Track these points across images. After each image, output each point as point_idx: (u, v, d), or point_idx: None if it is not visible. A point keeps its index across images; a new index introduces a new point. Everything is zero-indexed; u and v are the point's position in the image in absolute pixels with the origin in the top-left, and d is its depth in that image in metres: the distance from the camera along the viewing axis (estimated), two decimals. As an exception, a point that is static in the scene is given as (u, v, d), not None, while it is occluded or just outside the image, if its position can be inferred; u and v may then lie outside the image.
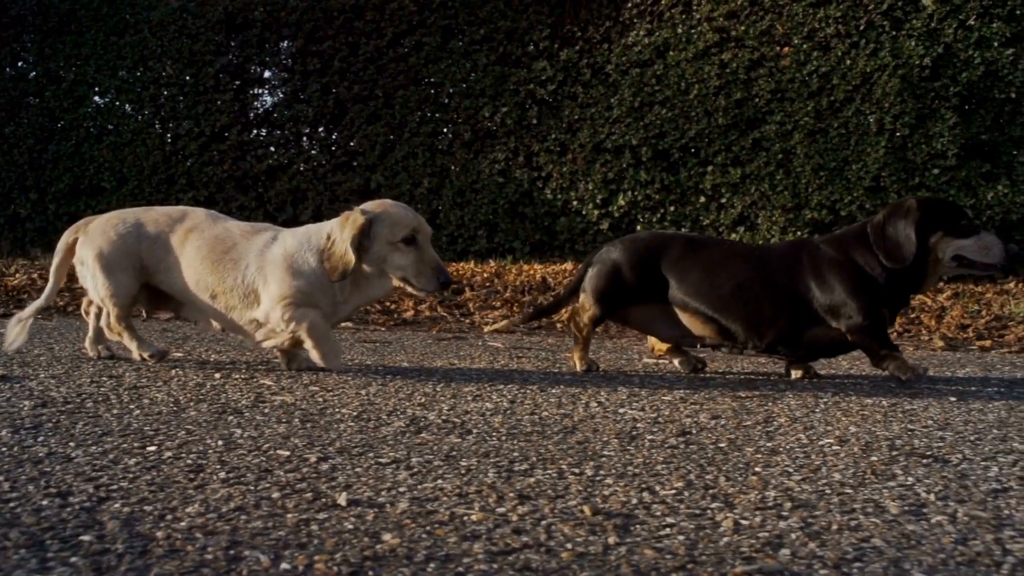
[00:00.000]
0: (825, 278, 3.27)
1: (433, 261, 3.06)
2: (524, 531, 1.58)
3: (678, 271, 3.40)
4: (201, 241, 3.21)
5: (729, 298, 3.32)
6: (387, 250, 3.05)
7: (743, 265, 3.37)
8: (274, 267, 3.11)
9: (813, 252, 3.34)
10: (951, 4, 7.02)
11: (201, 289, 3.19)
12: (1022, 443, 2.35)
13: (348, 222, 3.05)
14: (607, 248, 3.53)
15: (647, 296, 3.43)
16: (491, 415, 2.61)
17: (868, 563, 1.45)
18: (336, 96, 8.16)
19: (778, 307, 3.30)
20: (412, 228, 3.04)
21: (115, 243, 3.27)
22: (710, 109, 7.38)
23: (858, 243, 3.30)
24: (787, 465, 2.07)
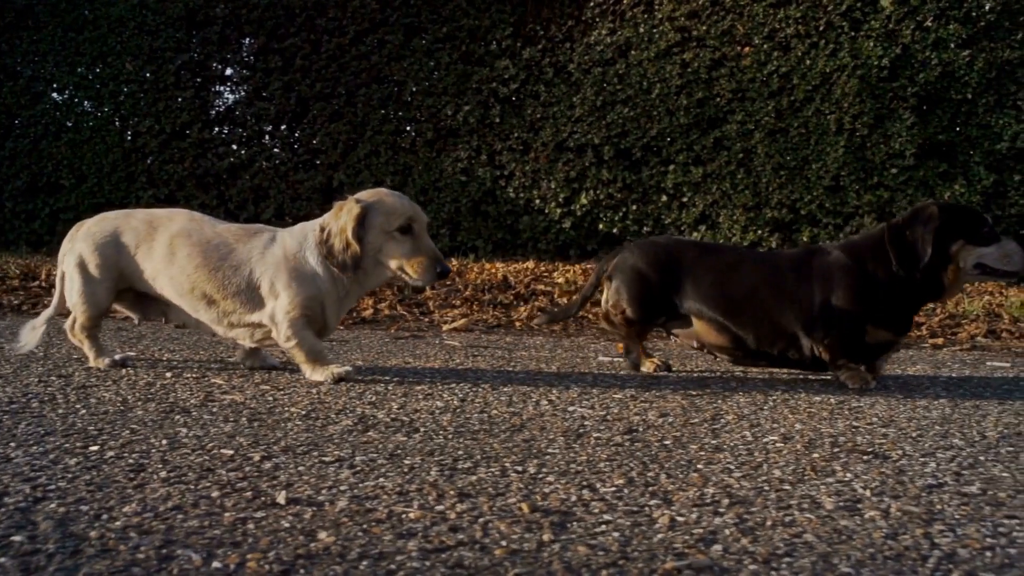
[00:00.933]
0: (830, 284, 3.21)
1: (430, 251, 2.99)
2: (461, 529, 1.59)
3: (692, 278, 3.35)
4: (191, 247, 3.12)
5: (741, 306, 3.28)
6: (383, 240, 2.98)
7: (755, 272, 3.32)
8: (279, 272, 3.04)
9: (822, 258, 3.29)
10: (909, 6, 7.09)
11: (196, 295, 3.11)
12: (962, 439, 2.38)
13: (343, 211, 2.99)
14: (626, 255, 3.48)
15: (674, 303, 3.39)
16: (440, 413, 2.61)
17: (798, 558, 1.46)
18: (298, 94, 8.12)
19: (787, 315, 3.24)
20: (408, 217, 2.97)
21: (94, 251, 3.20)
22: (672, 108, 7.42)
23: (871, 250, 3.23)
24: (729, 462, 2.09)
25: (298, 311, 3.03)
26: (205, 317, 3.17)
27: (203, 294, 3.10)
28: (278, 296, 3.05)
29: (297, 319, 3.03)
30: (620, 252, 3.52)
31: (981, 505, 1.77)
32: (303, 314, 3.04)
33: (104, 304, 3.25)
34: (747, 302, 3.28)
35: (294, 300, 3.02)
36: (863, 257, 3.23)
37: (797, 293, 3.24)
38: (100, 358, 3.29)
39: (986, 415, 2.74)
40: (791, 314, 3.24)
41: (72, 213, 8.44)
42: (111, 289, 3.22)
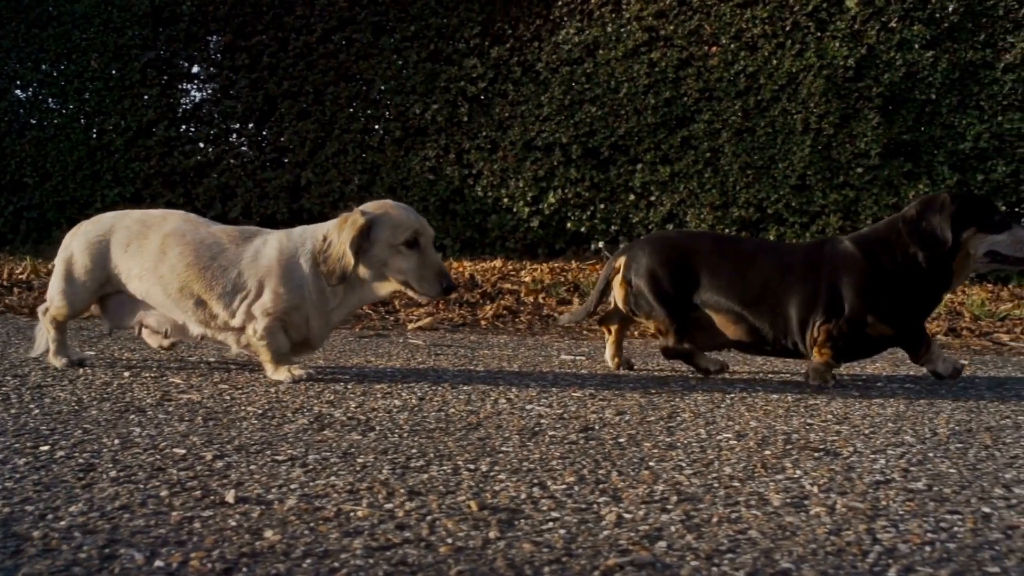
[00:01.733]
0: (841, 276, 3.21)
1: (436, 265, 2.95)
2: (408, 527, 1.59)
3: (708, 272, 3.32)
4: (184, 246, 3.08)
5: (757, 296, 3.26)
6: (388, 253, 2.93)
7: (770, 262, 3.30)
8: (269, 274, 3.01)
9: (833, 249, 3.29)
10: (874, 7, 7.15)
11: (184, 295, 3.07)
12: (914, 436, 2.41)
13: (347, 224, 2.94)
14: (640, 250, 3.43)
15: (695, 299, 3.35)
16: (397, 412, 2.61)
17: (740, 554, 1.48)
18: (265, 92, 8.09)
19: (801, 307, 3.23)
20: (414, 231, 2.92)
21: (84, 250, 3.17)
22: (639, 107, 7.44)
23: (882, 241, 3.24)
24: (681, 460, 2.10)
25: (278, 314, 3.00)
26: (192, 319, 3.12)
27: (191, 294, 3.06)
28: (262, 295, 3.02)
29: (274, 321, 3.01)
30: (631, 250, 3.47)
31: (926, 501, 1.79)
32: (281, 318, 3.01)
33: (81, 307, 3.22)
34: (763, 294, 3.26)
35: (276, 302, 3.00)
36: (875, 249, 3.23)
37: (809, 285, 3.23)
38: (58, 356, 3.26)
39: (939, 412, 2.77)
40: (805, 306, 3.22)
41: (36, 211, 8.37)
42: (94, 292, 3.19)
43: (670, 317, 3.33)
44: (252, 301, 3.02)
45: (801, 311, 3.22)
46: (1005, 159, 7.06)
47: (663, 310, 3.33)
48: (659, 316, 3.34)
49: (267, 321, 3.01)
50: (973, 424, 2.59)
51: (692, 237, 3.51)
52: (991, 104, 7.09)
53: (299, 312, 3.02)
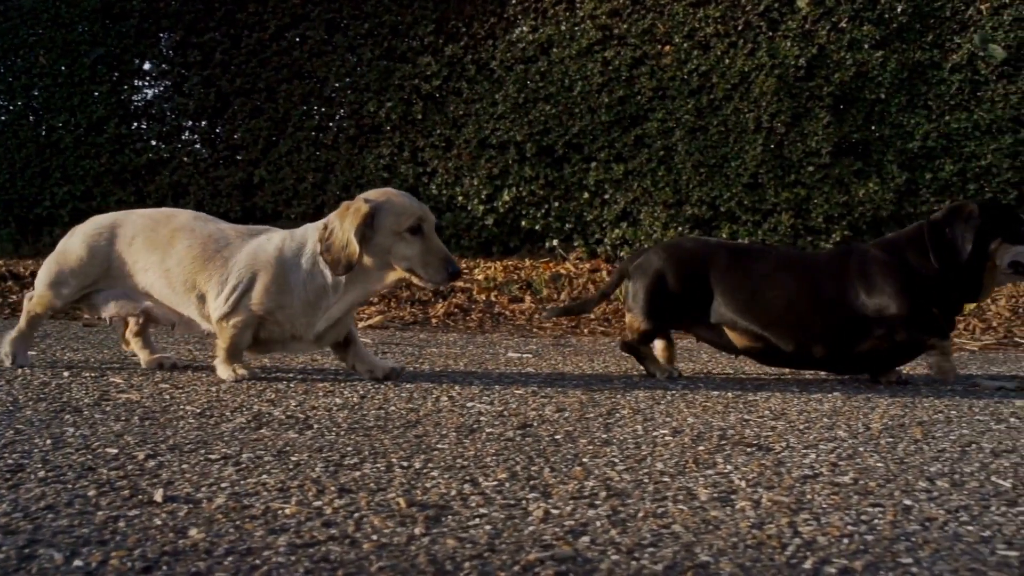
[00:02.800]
0: (875, 281, 3.17)
1: (441, 251, 2.93)
2: (334, 524, 1.59)
3: (724, 284, 3.28)
4: (192, 239, 3.07)
5: (779, 315, 3.21)
6: (391, 240, 2.91)
7: (792, 277, 3.25)
8: (263, 270, 2.99)
9: (862, 257, 3.25)
10: (824, 7, 7.22)
11: (188, 288, 3.05)
12: (847, 431, 2.44)
13: (350, 211, 2.91)
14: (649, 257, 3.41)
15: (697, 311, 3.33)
16: (337, 410, 2.60)
17: (661, 548, 1.49)
18: (218, 89, 8.02)
19: (829, 320, 3.19)
20: (418, 217, 2.91)
21: (83, 244, 3.15)
22: (593, 106, 7.46)
23: (911, 246, 3.21)
24: (615, 456, 2.12)
25: (260, 310, 2.97)
26: (196, 314, 3.09)
27: (194, 286, 3.04)
28: (252, 288, 2.99)
29: (251, 317, 2.98)
30: (645, 252, 3.46)
31: (850, 494, 1.82)
32: (260, 315, 2.98)
33: (62, 301, 3.19)
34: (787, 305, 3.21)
35: (262, 299, 2.97)
36: (904, 255, 3.21)
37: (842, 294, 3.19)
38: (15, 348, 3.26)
39: (875, 407, 2.81)
40: (834, 316, 3.19)
41: (-16, 209, 8.26)
42: (82, 287, 3.16)
43: (648, 318, 3.32)
44: (242, 294, 2.99)
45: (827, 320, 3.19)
46: (952, 158, 7.16)
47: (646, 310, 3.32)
48: (639, 314, 3.33)
49: (245, 315, 2.99)
50: (906, 419, 2.63)
51: (709, 245, 3.46)
52: (939, 104, 7.18)
53: (284, 311, 2.99)
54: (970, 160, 7.14)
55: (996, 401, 2.99)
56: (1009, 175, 7.09)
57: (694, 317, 3.35)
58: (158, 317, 3.21)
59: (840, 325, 3.19)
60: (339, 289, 3.00)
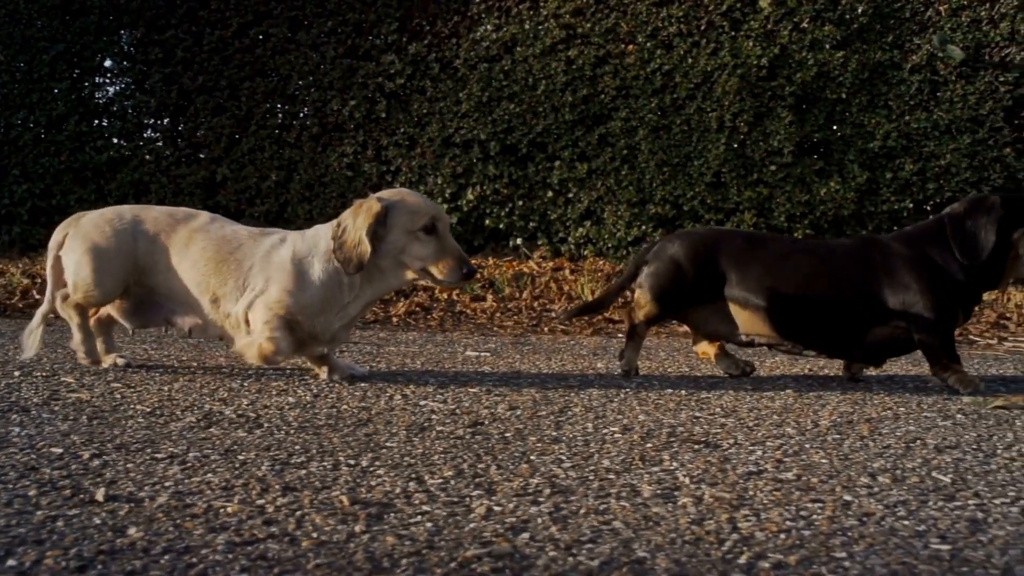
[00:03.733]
0: (898, 275, 3.15)
1: (455, 251, 2.90)
2: (275, 522, 1.59)
3: (738, 267, 3.25)
4: (207, 241, 3.03)
5: (792, 295, 3.20)
6: (406, 240, 2.88)
7: (807, 261, 3.26)
8: (279, 271, 2.95)
9: (884, 249, 3.23)
10: (786, 7, 7.26)
11: (202, 291, 3.01)
12: (795, 428, 2.46)
13: (362, 210, 2.88)
14: (664, 243, 3.38)
15: (707, 295, 3.29)
16: (289, 409, 2.60)
17: (600, 544, 1.50)
18: (180, 87, 7.95)
19: (844, 306, 3.18)
20: (432, 216, 2.88)
21: (110, 239, 3.08)
22: (557, 105, 7.47)
23: (933, 239, 3.20)
24: (562, 453, 2.12)
25: (283, 312, 2.91)
26: (211, 317, 3.05)
27: (208, 289, 3.00)
28: (266, 291, 2.94)
29: (280, 318, 2.92)
30: (660, 240, 3.43)
31: (792, 490, 1.83)
32: (286, 317, 2.92)
33: (112, 294, 3.13)
34: (798, 291, 3.21)
35: (283, 299, 2.91)
36: (925, 247, 3.19)
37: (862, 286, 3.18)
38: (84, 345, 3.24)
39: (825, 405, 2.83)
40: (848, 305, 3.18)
41: (-58, 208, 8.14)
42: (123, 281, 3.11)
43: (656, 301, 3.30)
44: (257, 296, 2.95)
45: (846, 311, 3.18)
46: (912, 157, 7.23)
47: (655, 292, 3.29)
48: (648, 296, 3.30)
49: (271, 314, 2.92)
50: (855, 416, 2.66)
51: (724, 235, 3.44)
52: (899, 104, 7.24)
53: (305, 312, 2.94)
54: (929, 160, 7.21)
55: (945, 398, 3.03)
56: (967, 175, 7.16)
57: (702, 305, 3.32)
58: (175, 323, 3.17)
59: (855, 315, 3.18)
60: (354, 288, 2.97)
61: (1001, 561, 1.44)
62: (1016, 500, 1.79)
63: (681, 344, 4.66)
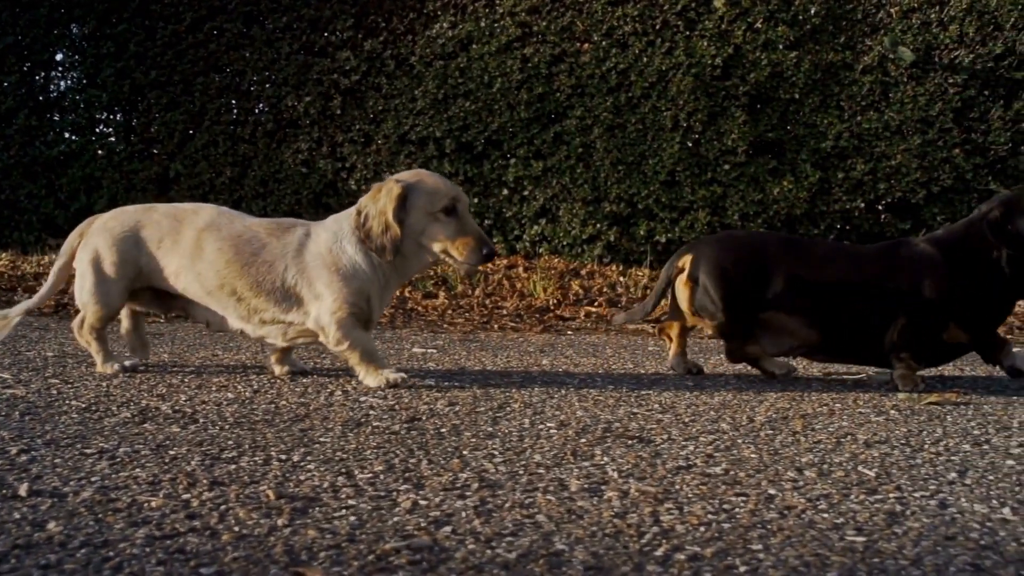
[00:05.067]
0: (929, 280, 3.13)
1: (476, 232, 2.85)
2: (198, 516, 1.58)
3: (781, 273, 3.19)
4: (221, 241, 2.95)
5: (832, 302, 3.16)
6: (426, 222, 2.84)
7: (844, 267, 3.21)
8: (319, 270, 2.88)
9: (915, 253, 3.20)
10: (740, 7, 7.31)
11: (225, 292, 2.94)
12: (730, 423, 2.48)
13: (382, 193, 2.84)
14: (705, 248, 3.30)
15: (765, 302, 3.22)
16: (227, 405, 2.58)
17: (520, 537, 1.50)
18: (133, 81, 7.88)
19: (880, 312, 3.15)
20: (452, 197, 2.84)
21: (111, 246, 3.01)
22: (512, 103, 7.48)
23: (965, 244, 3.17)
24: (495, 448, 2.13)
25: (345, 310, 2.87)
26: (233, 314, 2.99)
27: (232, 291, 2.93)
28: (320, 296, 2.88)
29: (345, 319, 2.87)
30: (696, 247, 3.35)
31: (718, 484, 1.85)
32: (351, 312, 2.87)
33: (116, 305, 3.05)
34: (838, 298, 3.17)
35: (338, 299, 2.87)
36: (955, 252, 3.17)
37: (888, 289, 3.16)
38: (107, 363, 3.12)
39: (763, 400, 2.86)
40: (883, 311, 3.15)
41: None
42: (126, 289, 3.03)
43: (736, 320, 3.22)
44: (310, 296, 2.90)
45: (879, 316, 3.15)
46: (864, 157, 7.31)
47: (729, 313, 3.21)
48: (724, 319, 3.22)
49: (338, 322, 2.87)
50: (791, 412, 2.69)
51: (762, 237, 3.38)
52: (851, 104, 7.33)
53: (360, 296, 2.89)
54: (880, 160, 7.30)
55: (881, 394, 3.07)
56: (918, 175, 7.25)
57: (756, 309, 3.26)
58: (193, 315, 3.12)
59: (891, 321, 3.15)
60: (386, 273, 2.93)
61: (912, 552, 1.47)
62: (936, 493, 1.82)
63: (629, 341, 4.69)
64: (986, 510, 1.71)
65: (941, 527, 1.60)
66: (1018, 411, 2.80)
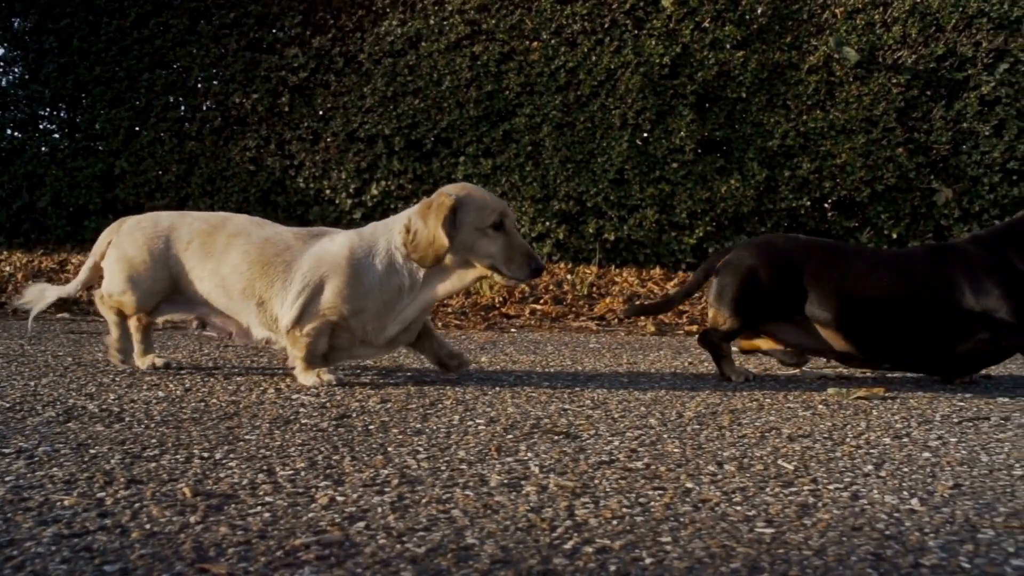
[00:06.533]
0: (980, 282, 3.09)
1: (523, 247, 2.82)
2: (111, 514, 1.57)
3: (819, 282, 3.17)
4: (249, 244, 2.92)
5: (876, 312, 3.14)
6: (475, 237, 2.80)
7: (889, 275, 3.17)
8: (333, 273, 2.84)
9: (963, 255, 3.17)
10: (688, 7, 7.37)
11: (247, 296, 2.90)
12: (659, 419, 2.50)
13: (433, 207, 2.80)
14: (739, 253, 3.29)
15: (787, 310, 3.21)
16: (156, 403, 2.56)
17: (433, 532, 1.51)
18: (76, 77, 7.77)
19: (929, 318, 3.12)
20: (500, 212, 2.81)
21: (144, 250, 2.98)
22: (462, 100, 7.48)
23: (1012, 243, 3.13)
24: (420, 445, 2.13)
25: (332, 316, 2.84)
26: (256, 322, 2.95)
27: (253, 293, 2.90)
28: (322, 292, 2.85)
29: (324, 324, 2.85)
30: (734, 249, 3.34)
31: (637, 479, 1.87)
32: (333, 323, 2.85)
33: (147, 302, 3.02)
34: (882, 306, 3.15)
35: (335, 305, 2.83)
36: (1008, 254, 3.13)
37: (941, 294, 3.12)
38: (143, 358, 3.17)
39: (695, 396, 2.89)
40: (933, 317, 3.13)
41: None
42: (159, 291, 3.02)
43: (737, 315, 3.22)
44: (309, 298, 2.85)
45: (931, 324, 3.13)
46: (809, 156, 7.40)
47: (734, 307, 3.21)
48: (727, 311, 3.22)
49: (319, 322, 2.85)
50: (721, 407, 2.71)
51: (802, 244, 3.34)
52: (797, 104, 7.41)
53: (358, 316, 2.86)
54: (826, 158, 7.39)
55: (812, 390, 3.10)
56: (862, 173, 7.35)
57: (784, 317, 3.25)
58: (215, 325, 3.08)
59: (942, 327, 3.14)
60: (415, 289, 2.89)
61: (818, 543, 1.49)
62: (850, 485, 1.85)
63: (572, 338, 4.71)
64: (896, 501, 1.74)
65: (850, 518, 1.63)
66: (942, 405, 2.85)
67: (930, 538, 1.53)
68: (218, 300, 2.99)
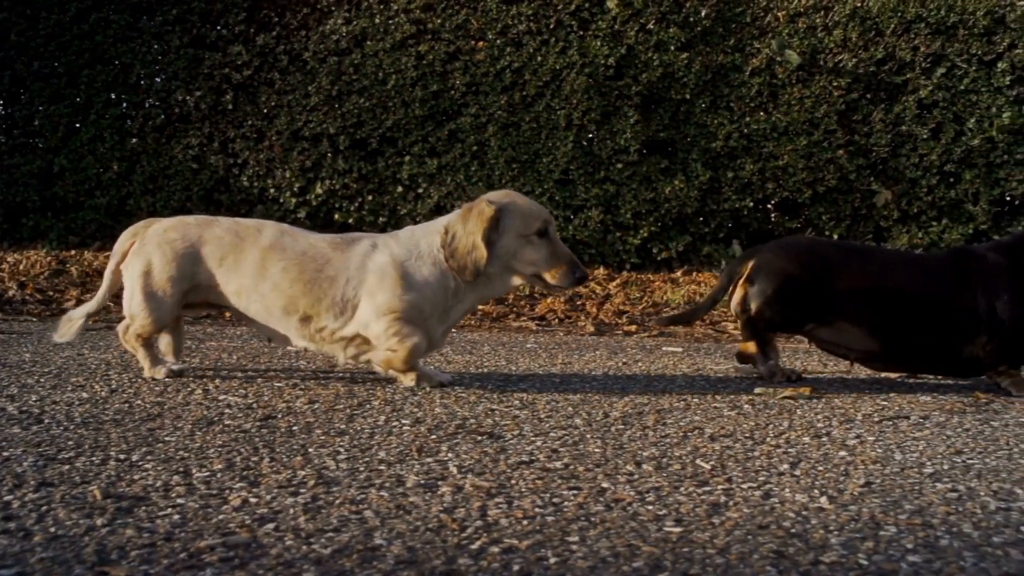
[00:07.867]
0: (998, 289, 3.12)
1: (567, 255, 2.81)
2: (16, 517, 1.55)
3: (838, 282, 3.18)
4: (286, 261, 2.84)
5: (900, 313, 3.14)
6: (518, 244, 2.79)
7: (910, 276, 3.20)
8: (381, 277, 2.79)
9: (982, 261, 3.18)
10: (633, 8, 7.41)
11: (290, 312, 2.84)
12: (584, 419, 2.52)
13: (473, 214, 2.77)
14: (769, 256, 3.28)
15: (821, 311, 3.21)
16: (79, 404, 2.53)
17: (342, 533, 1.51)
18: (13, 72, 7.64)
19: (948, 321, 3.13)
20: (544, 219, 2.80)
21: (169, 261, 2.88)
22: (407, 100, 7.46)
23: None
24: (342, 445, 2.13)
25: (400, 312, 2.79)
26: (296, 334, 2.89)
27: (296, 310, 2.83)
28: (374, 299, 2.80)
29: (399, 319, 2.79)
30: (758, 253, 3.33)
31: (554, 479, 1.88)
32: (404, 316, 2.80)
33: (168, 319, 2.93)
34: (905, 307, 3.15)
35: (396, 302, 2.78)
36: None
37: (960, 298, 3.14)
38: (155, 368, 3.00)
39: (624, 397, 2.91)
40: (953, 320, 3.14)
41: None
42: (178, 304, 2.92)
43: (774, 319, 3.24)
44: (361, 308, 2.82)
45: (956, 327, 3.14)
46: (752, 158, 7.47)
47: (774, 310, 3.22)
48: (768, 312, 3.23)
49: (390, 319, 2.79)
50: (648, 407, 2.73)
51: (826, 246, 3.38)
52: (740, 105, 7.48)
53: (420, 312, 2.82)
54: (768, 160, 7.47)
55: (741, 390, 3.14)
56: (804, 175, 7.44)
57: (817, 319, 3.25)
58: (251, 327, 3.04)
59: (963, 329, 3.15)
60: (459, 293, 2.88)
61: (723, 541, 1.51)
62: (763, 485, 1.87)
63: (510, 338, 4.72)
64: (805, 499, 1.77)
65: (758, 516, 1.65)
66: (865, 404, 2.89)
67: (833, 536, 1.56)
68: (256, 314, 2.93)
